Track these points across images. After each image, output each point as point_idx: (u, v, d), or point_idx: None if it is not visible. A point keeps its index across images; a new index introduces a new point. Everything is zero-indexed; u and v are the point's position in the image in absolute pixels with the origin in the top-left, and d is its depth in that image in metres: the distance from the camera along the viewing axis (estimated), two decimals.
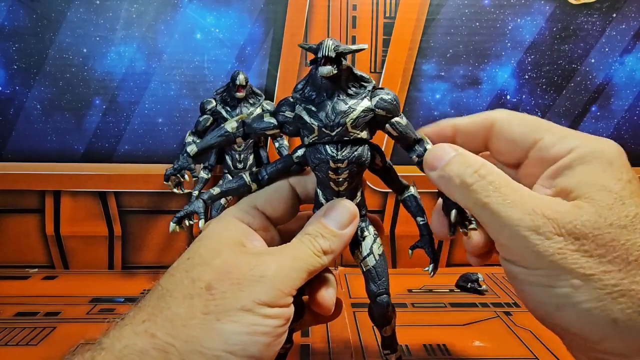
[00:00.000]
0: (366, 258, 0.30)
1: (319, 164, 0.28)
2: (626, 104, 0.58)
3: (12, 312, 0.48)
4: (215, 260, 0.25)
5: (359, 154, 0.29)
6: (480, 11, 0.56)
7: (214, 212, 0.51)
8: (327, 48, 0.25)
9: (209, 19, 0.55)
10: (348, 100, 0.28)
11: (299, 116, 0.28)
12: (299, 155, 0.30)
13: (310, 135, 0.28)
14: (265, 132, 0.30)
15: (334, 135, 0.28)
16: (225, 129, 0.30)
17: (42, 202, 0.58)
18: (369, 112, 0.28)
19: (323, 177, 0.29)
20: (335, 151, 0.28)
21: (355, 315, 0.48)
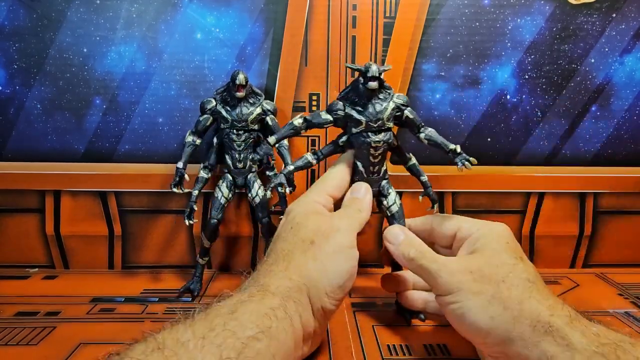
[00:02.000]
0: (391, 206, 0.46)
1: (362, 145, 0.43)
2: (626, 104, 0.58)
3: (12, 312, 0.48)
4: (309, 223, 0.38)
5: (389, 137, 0.44)
6: (480, 11, 0.56)
7: (214, 212, 0.51)
8: (375, 71, 0.40)
9: (209, 18, 0.55)
10: (382, 102, 0.43)
11: (350, 114, 0.43)
12: (344, 141, 0.45)
13: (357, 126, 0.43)
14: (323, 125, 0.44)
15: (376, 127, 0.43)
16: (293, 124, 0.43)
17: (42, 202, 0.58)
18: (395, 110, 0.44)
19: (364, 154, 0.44)
20: (375, 136, 0.43)
21: (355, 315, 0.48)
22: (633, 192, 0.61)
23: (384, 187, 0.46)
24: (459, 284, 0.35)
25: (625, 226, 0.61)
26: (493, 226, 0.41)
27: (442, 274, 0.37)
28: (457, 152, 0.42)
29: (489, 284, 0.35)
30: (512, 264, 0.36)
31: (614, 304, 0.51)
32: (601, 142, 0.59)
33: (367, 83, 0.40)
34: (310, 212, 0.40)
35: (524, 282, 0.35)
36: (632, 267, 0.62)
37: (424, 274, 0.38)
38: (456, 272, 0.36)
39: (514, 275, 0.35)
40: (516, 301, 0.33)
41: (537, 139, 0.59)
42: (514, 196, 0.60)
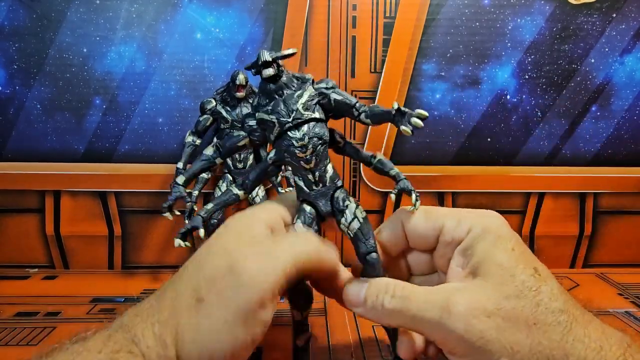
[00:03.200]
0: (351, 223, 0.33)
1: (287, 149, 0.33)
2: (626, 104, 0.58)
3: (12, 312, 0.48)
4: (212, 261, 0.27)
5: (317, 130, 0.33)
6: (480, 11, 0.56)
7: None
8: (266, 56, 0.32)
9: (209, 19, 0.55)
10: (293, 92, 0.33)
11: (261, 119, 0.33)
12: (272, 156, 0.34)
13: (274, 130, 0.33)
14: (238, 145, 0.35)
15: (291, 120, 0.32)
16: (205, 154, 0.35)
17: (42, 202, 0.58)
18: (315, 96, 0.34)
19: (295, 161, 0.33)
20: (296, 132, 0.33)
21: (355, 315, 0.48)
22: (633, 192, 0.61)
23: (338, 199, 0.34)
24: (482, 340, 0.26)
25: (625, 226, 0.61)
26: (486, 223, 0.31)
27: (452, 323, 0.26)
28: (403, 111, 0.32)
29: (520, 331, 0.26)
30: (534, 288, 0.27)
31: (614, 303, 0.51)
32: (601, 142, 0.59)
33: (262, 72, 0.33)
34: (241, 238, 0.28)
35: (558, 315, 0.26)
36: (632, 267, 0.62)
37: (421, 328, 0.28)
38: (470, 317, 0.26)
39: (544, 310, 0.26)
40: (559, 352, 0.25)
41: (537, 139, 0.59)
42: (514, 196, 0.60)
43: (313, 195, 0.34)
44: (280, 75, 0.33)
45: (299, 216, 0.34)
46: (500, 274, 0.28)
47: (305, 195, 0.34)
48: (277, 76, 0.33)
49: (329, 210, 0.34)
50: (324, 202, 0.34)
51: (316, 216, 0.34)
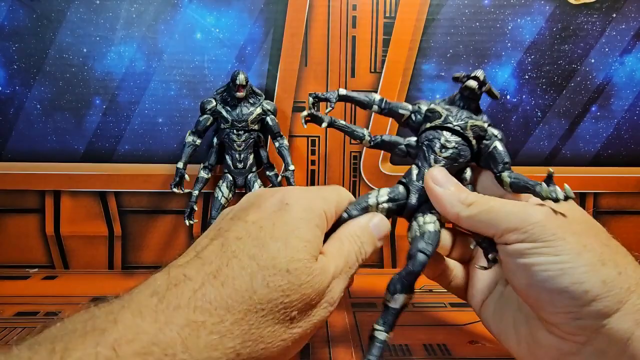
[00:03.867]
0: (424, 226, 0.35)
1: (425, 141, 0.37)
2: (626, 104, 0.58)
3: (12, 312, 0.48)
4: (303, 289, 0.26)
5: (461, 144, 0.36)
6: (480, 11, 0.56)
7: (214, 212, 0.51)
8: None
9: (209, 19, 0.55)
10: (466, 113, 0.37)
11: (433, 110, 0.38)
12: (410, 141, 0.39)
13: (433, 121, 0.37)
14: (399, 112, 0.39)
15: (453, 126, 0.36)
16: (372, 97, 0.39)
17: (42, 202, 0.58)
18: None
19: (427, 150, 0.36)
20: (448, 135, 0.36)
21: (355, 315, 0.48)
22: (633, 192, 0.61)
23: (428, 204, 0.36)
24: (561, 230, 0.27)
25: (625, 226, 0.61)
26: None
27: (533, 211, 0.28)
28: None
29: (594, 238, 0.28)
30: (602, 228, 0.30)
31: None
32: (601, 142, 0.59)
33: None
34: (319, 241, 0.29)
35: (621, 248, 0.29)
36: None
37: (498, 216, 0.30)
38: (551, 214, 0.28)
39: (614, 244, 0.29)
40: (630, 268, 0.27)
41: (537, 139, 0.59)
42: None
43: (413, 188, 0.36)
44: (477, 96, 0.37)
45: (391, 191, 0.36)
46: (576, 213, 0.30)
47: (409, 182, 0.36)
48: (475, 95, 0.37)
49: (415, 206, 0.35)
50: (416, 197, 0.36)
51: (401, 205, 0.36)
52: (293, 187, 0.34)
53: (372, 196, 0.35)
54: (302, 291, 0.26)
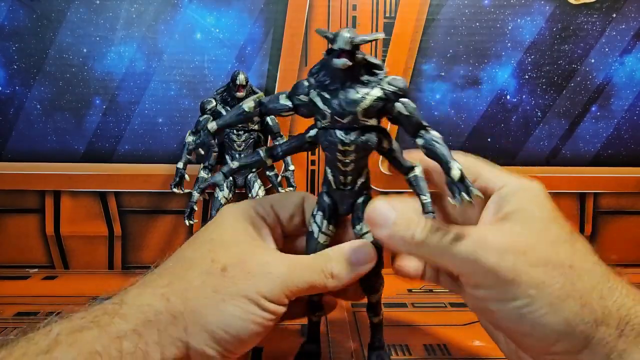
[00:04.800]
0: (366, 234, 0.32)
1: (329, 145, 0.30)
2: (626, 104, 0.58)
3: (12, 312, 0.48)
4: (234, 248, 0.29)
5: (366, 139, 0.30)
6: (480, 11, 0.56)
7: (214, 212, 0.51)
8: (344, 41, 0.26)
9: (209, 19, 0.55)
10: (360, 88, 0.29)
11: (313, 102, 0.30)
12: (312, 136, 0.32)
13: (323, 120, 0.30)
14: (281, 113, 0.32)
15: (345, 122, 0.29)
16: (242, 108, 0.32)
17: (42, 202, 0.58)
18: (380, 101, 0.29)
19: (332, 158, 0.31)
20: (345, 135, 0.29)
21: (355, 315, 0.48)
22: (633, 192, 0.61)
23: (359, 207, 0.32)
24: (514, 272, 0.25)
25: (625, 226, 0.61)
26: (525, 182, 0.30)
27: (485, 255, 0.25)
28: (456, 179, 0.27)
29: (554, 269, 0.25)
30: (570, 241, 0.27)
31: None
32: (601, 142, 0.59)
33: (332, 60, 0.27)
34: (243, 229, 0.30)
35: (595, 265, 0.26)
36: (633, 267, 0.62)
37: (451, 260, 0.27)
38: (503, 252, 0.25)
39: (580, 257, 0.26)
40: (596, 295, 0.25)
41: (537, 139, 0.59)
42: None
43: (337, 194, 0.33)
44: (354, 67, 0.28)
45: (319, 208, 0.33)
46: (534, 223, 0.27)
47: (330, 189, 0.33)
48: (350, 67, 0.28)
49: (347, 212, 0.33)
50: (345, 203, 0.33)
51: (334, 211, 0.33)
52: None
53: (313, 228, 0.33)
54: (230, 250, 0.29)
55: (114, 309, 0.25)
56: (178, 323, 0.26)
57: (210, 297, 0.27)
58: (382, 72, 0.29)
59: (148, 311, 0.25)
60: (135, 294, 0.27)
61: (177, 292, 0.26)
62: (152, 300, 0.26)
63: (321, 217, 0.33)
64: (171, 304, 0.26)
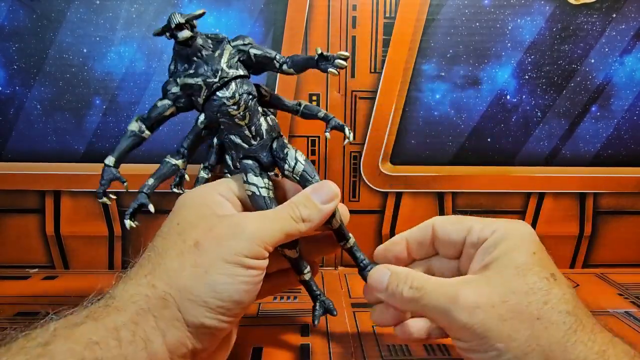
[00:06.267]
0: (295, 166, 0.35)
1: (219, 110, 0.34)
2: (626, 104, 0.58)
3: (12, 312, 0.48)
4: (202, 223, 0.30)
5: (246, 87, 0.34)
6: (480, 11, 0.56)
7: None
8: (176, 18, 0.32)
9: (209, 19, 0.55)
10: (212, 52, 0.34)
11: (185, 84, 0.34)
12: (202, 120, 0.35)
13: (201, 93, 0.33)
14: (165, 115, 0.35)
15: (218, 80, 0.33)
16: (130, 130, 0.35)
17: (42, 202, 0.58)
18: (235, 54, 0.35)
19: (228, 119, 0.34)
20: (226, 91, 0.33)
21: (355, 315, 0.48)
22: (633, 192, 0.61)
23: (277, 149, 0.36)
24: (483, 327, 0.27)
25: (625, 226, 0.61)
26: (514, 227, 0.32)
27: (457, 313, 0.28)
28: (326, 56, 0.34)
29: (521, 322, 0.27)
30: (545, 289, 0.28)
31: (614, 304, 0.51)
32: (601, 142, 0.59)
33: (177, 34, 0.33)
34: (205, 203, 0.32)
35: (564, 316, 0.27)
36: (632, 267, 0.62)
37: (432, 315, 0.30)
38: (475, 308, 0.27)
39: (550, 308, 0.27)
40: (558, 348, 0.26)
41: (537, 139, 0.59)
42: (514, 196, 0.60)
43: (253, 150, 0.35)
44: (195, 37, 0.34)
45: (247, 171, 0.35)
46: (512, 271, 0.29)
47: (244, 151, 0.35)
48: (192, 38, 0.33)
49: (271, 160, 0.36)
50: (265, 154, 0.36)
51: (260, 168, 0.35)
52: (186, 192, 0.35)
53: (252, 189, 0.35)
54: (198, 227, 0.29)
55: (106, 303, 0.26)
56: (170, 305, 0.27)
57: (192, 273, 0.27)
58: (223, 37, 0.35)
59: (139, 300, 0.26)
60: (122, 288, 0.28)
61: (160, 277, 0.28)
62: (138, 289, 0.27)
63: (252, 176, 0.35)
64: (157, 290, 0.27)
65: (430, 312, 0.30)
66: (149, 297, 0.26)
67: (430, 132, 0.58)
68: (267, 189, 0.35)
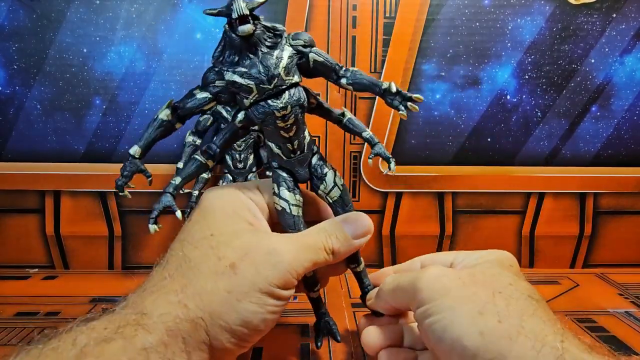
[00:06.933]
0: (332, 190, 0.34)
1: (266, 117, 0.30)
2: (626, 104, 0.58)
3: (12, 312, 0.48)
4: (237, 241, 0.29)
5: (298, 96, 0.31)
6: (480, 11, 0.56)
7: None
8: (241, 8, 0.27)
9: (209, 19, 0.55)
10: (272, 51, 0.30)
11: (232, 81, 0.30)
12: (241, 119, 0.32)
13: (249, 95, 0.30)
14: (203, 108, 0.31)
15: (272, 88, 0.30)
16: (160, 119, 0.31)
17: (42, 202, 0.58)
18: (295, 56, 0.31)
19: (272, 129, 0.31)
20: (277, 101, 0.30)
21: (355, 315, 0.48)
22: (633, 192, 0.61)
23: (315, 166, 0.34)
24: (442, 290, 0.27)
25: (625, 226, 0.61)
26: (496, 252, 0.33)
27: (421, 280, 0.29)
28: (394, 92, 0.31)
29: (482, 288, 0.27)
30: (512, 280, 0.28)
31: (614, 304, 0.51)
32: (601, 142, 0.59)
33: (237, 29, 0.28)
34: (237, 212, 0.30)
35: (526, 298, 0.27)
36: (632, 267, 0.62)
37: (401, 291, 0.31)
38: (440, 276, 0.28)
39: (514, 289, 0.27)
40: (515, 316, 0.25)
41: (537, 139, 0.59)
42: (514, 196, 0.60)
43: (291, 163, 0.33)
44: (266, 32, 0.29)
45: (279, 184, 0.33)
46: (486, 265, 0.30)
47: (282, 162, 0.33)
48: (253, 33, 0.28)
49: (307, 177, 0.34)
50: (302, 169, 0.33)
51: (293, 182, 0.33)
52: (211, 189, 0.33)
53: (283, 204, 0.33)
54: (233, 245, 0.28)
55: (136, 320, 0.25)
56: (199, 328, 0.26)
57: (225, 299, 0.27)
58: (283, 30, 0.30)
59: (169, 320, 0.26)
60: (152, 303, 0.26)
61: (193, 298, 0.27)
62: (170, 308, 0.26)
63: (285, 191, 0.33)
64: (190, 311, 0.26)
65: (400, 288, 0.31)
66: (180, 319, 0.26)
67: (430, 132, 0.58)
68: (297, 207, 0.33)
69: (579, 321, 0.46)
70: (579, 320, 0.46)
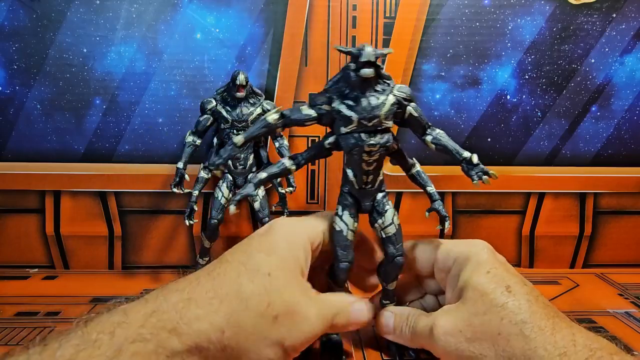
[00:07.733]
0: (388, 227, 0.37)
1: (354, 148, 0.34)
2: (626, 104, 0.58)
3: (12, 312, 0.48)
4: (286, 294, 0.31)
5: (387, 139, 0.35)
6: (480, 11, 0.56)
7: (214, 212, 0.51)
8: (369, 55, 0.31)
9: (209, 19, 0.55)
10: (379, 95, 0.34)
11: (338, 110, 0.34)
12: (331, 142, 0.36)
13: (348, 125, 0.34)
14: (305, 123, 0.35)
15: (370, 125, 0.34)
16: (267, 120, 0.34)
17: (42, 202, 0.58)
18: (395, 106, 0.34)
19: (357, 159, 0.35)
20: (369, 138, 0.34)
21: None
22: (633, 192, 0.61)
23: (380, 202, 0.37)
24: (457, 351, 0.32)
25: (625, 226, 0.61)
26: (470, 251, 0.36)
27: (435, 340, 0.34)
28: (473, 163, 0.35)
29: (485, 341, 0.32)
30: (500, 305, 0.32)
31: (614, 304, 0.51)
32: (601, 142, 0.59)
33: (360, 70, 0.32)
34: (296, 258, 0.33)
35: (521, 326, 0.31)
36: (632, 267, 0.62)
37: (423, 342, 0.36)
38: (446, 334, 0.33)
39: (507, 322, 0.31)
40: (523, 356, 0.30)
41: (537, 139, 0.59)
42: (514, 196, 0.60)
43: (360, 192, 0.36)
44: (379, 78, 0.34)
45: (344, 207, 0.36)
46: (474, 296, 0.33)
47: (353, 189, 0.37)
48: (373, 78, 0.33)
49: (369, 210, 0.37)
50: (368, 200, 0.37)
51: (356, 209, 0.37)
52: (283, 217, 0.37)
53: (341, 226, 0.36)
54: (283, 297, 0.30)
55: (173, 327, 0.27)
56: (224, 354, 0.29)
57: (259, 342, 0.29)
58: (391, 81, 0.35)
59: (202, 339, 0.28)
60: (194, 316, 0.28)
61: (232, 328, 0.29)
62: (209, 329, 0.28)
63: (348, 216, 0.36)
64: (225, 338, 0.28)
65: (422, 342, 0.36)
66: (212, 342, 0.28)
67: None
68: (352, 232, 0.36)
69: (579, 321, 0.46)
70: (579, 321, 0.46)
